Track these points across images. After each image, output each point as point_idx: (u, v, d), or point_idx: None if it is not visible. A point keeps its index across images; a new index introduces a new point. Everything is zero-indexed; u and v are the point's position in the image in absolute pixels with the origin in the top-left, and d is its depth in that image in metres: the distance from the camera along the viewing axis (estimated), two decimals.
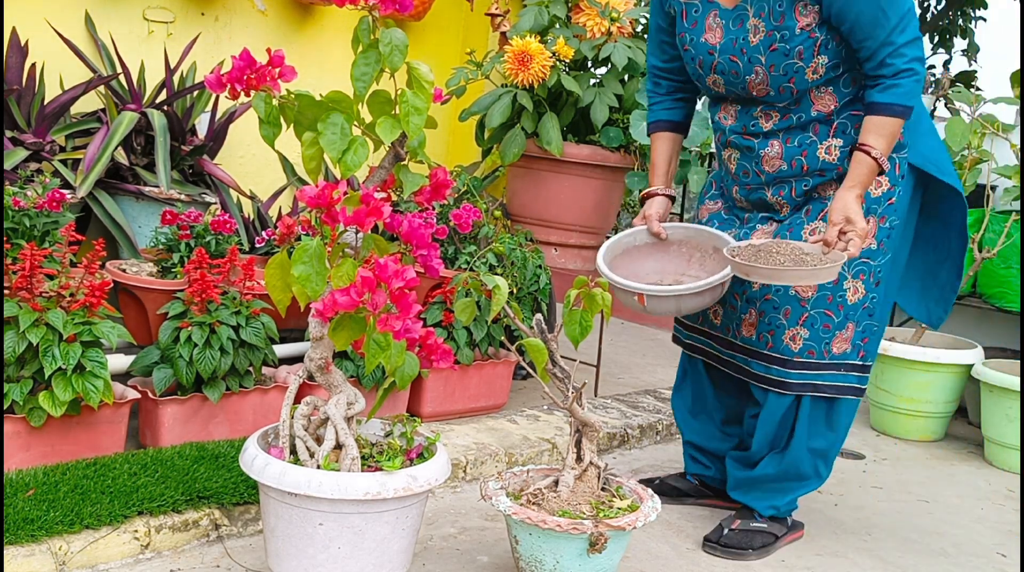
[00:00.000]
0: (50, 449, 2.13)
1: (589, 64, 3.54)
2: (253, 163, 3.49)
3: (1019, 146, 3.48)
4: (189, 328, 2.32)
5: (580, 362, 3.63)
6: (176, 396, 2.35)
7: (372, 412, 1.96)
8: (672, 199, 2.44)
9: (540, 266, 3.13)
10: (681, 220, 5.71)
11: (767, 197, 2.30)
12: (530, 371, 1.97)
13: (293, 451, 1.86)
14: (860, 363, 2.29)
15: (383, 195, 1.69)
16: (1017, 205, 3.51)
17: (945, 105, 4.41)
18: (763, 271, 2.03)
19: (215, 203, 3.00)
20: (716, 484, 2.55)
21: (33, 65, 2.85)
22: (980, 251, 3.48)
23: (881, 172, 2.13)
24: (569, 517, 1.89)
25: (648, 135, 2.53)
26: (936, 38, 8.28)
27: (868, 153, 2.11)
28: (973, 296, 3.75)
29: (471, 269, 2.97)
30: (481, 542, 2.25)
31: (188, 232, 2.62)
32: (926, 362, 3.36)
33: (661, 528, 2.42)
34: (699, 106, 3.46)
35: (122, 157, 2.93)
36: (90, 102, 3.01)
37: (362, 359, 2.53)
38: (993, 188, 3.58)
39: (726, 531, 2.32)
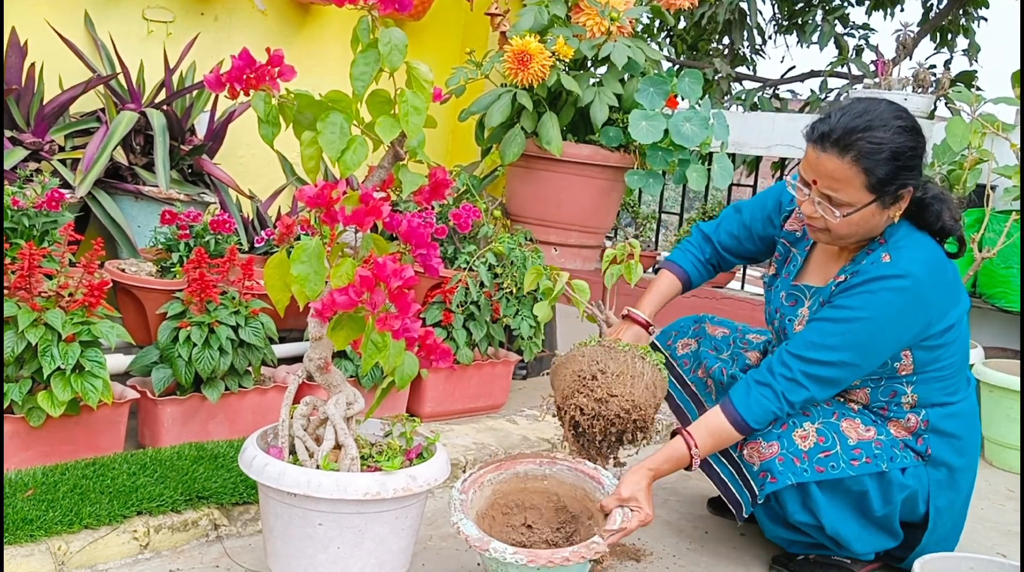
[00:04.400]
0: (49, 449, 2.13)
1: (589, 63, 3.53)
2: (252, 163, 3.49)
3: (1019, 146, 3.48)
4: (188, 328, 2.32)
5: None
6: (175, 396, 2.35)
7: (370, 411, 1.96)
8: (649, 333, 2.31)
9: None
10: (681, 221, 5.70)
11: None
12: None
13: (292, 451, 1.86)
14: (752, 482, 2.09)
15: (382, 195, 1.69)
16: (1017, 205, 3.51)
17: (946, 104, 4.41)
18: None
19: (214, 203, 3.00)
20: None
21: (32, 65, 2.84)
22: (980, 251, 3.48)
23: (689, 468, 2.02)
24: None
25: (662, 266, 2.42)
26: (937, 37, 8.28)
27: (692, 458, 1.99)
28: (973, 296, 3.74)
29: (470, 269, 2.97)
30: None
31: (187, 232, 2.62)
32: None
33: (661, 528, 2.42)
34: (699, 106, 3.46)
35: (121, 157, 2.93)
36: (89, 102, 3.00)
37: (361, 359, 2.53)
38: (993, 188, 3.57)
39: (799, 558, 2.19)
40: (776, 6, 9.02)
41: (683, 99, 3.45)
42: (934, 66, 7.02)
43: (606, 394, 2.05)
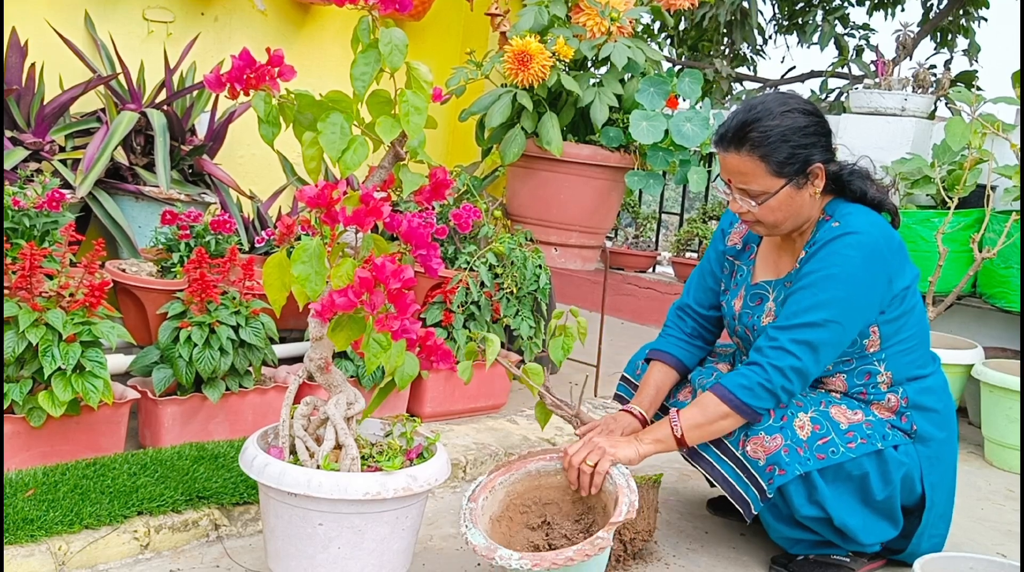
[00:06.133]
0: (50, 449, 2.13)
1: (589, 64, 3.53)
2: (253, 163, 3.49)
3: (1019, 146, 3.48)
4: (189, 328, 2.32)
5: (580, 362, 3.63)
6: (176, 396, 2.35)
7: (368, 411, 1.96)
8: (644, 425, 2.25)
9: (540, 266, 3.13)
10: (681, 222, 5.70)
11: None
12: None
13: (293, 451, 1.86)
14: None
15: (383, 195, 1.69)
16: (1017, 205, 3.51)
17: (946, 105, 4.41)
18: None
19: (215, 203, 3.00)
20: None
21: (33, 65, 2.85)
22: (980, 251, 3.48)
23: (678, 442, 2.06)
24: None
25: (647, 360, 2.40)
26: (938, 38, 8.29)
27: (672, 427, 2.05)
28: (973, 296, 3.75)
29: (471, 269, 2.97)
30: None
31: (188, 232, 2.62)
32: None
33: (661, 528, 2.42)
34: (699, 106, 3.46)
35: (122, 157, 2.93)
36: (90, 102, 3.01)
37: (362, 359, 2.53)
38: (993, 188, 3.57)
39: (799, 558, 2.20)
40: (776, 6, 9.03)
41: (683, 99, 3.44)
42: (934, 66, 7.02)
43: (632, 535, 2.16)
